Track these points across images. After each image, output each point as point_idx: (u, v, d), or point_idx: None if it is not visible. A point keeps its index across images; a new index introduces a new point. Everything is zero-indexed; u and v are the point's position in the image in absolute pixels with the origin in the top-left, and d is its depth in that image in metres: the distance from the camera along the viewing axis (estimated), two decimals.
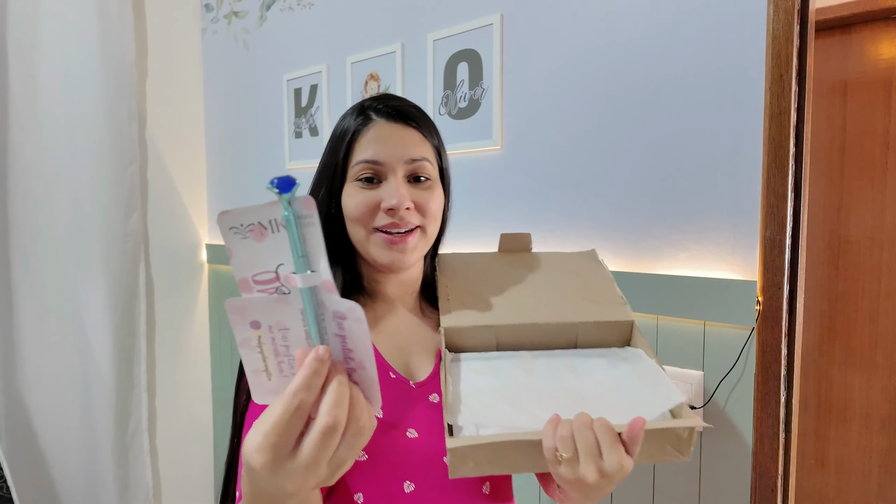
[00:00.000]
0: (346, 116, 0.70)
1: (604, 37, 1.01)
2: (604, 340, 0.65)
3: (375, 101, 0.69)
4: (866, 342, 1.57)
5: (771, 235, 0.84)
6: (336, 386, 0.37)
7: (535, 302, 0.67)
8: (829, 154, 1.60)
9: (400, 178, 0.64)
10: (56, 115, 1.51)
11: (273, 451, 0.35)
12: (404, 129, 0.67)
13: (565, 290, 0.69)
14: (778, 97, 0.82)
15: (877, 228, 1.55)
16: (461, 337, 0.64)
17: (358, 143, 0.66)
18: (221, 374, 1.87)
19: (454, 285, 0.71)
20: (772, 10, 0.82)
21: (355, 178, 0.65)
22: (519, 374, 0.59)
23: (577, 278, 0.71)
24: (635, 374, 0.58)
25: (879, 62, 1.54)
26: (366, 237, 0.66)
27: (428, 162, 0.67)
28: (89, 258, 1.56)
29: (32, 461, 1.54)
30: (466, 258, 0.78)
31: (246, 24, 1.70)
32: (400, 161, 0.65)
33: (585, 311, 0.65)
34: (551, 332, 0.64)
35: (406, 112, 0.68)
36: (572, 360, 0.62)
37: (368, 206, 0.64)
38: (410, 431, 0.63)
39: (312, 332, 0.38)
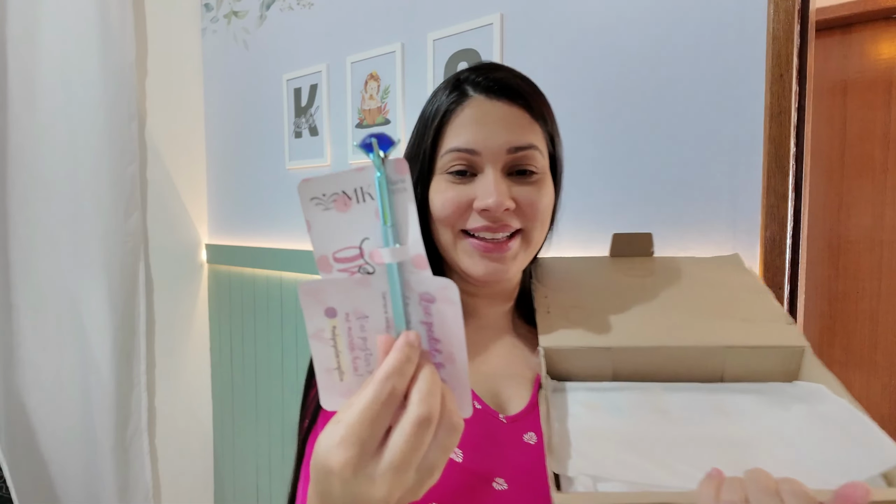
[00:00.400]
0: (437, 92, 0.57)
1: (604, 36, 1.01)
2: (761, 372, 0.49)
3: (474, 71, 0.55)
4: (866, 342, 1.57)
5: (771, 235, 0.84)
6: (428, 374, 0.31)
7: (663, 319, 0.52)
8: (829, 154, 1.60)
9: (499, 172, 0.52)
10: (55, 115, 1.51)
11: (359, 445, 0.29)
12: (508, 107, 0.53)
13: (704, 305, 0.54)
14: (778, 97, 0.82)
15: (877, 228, 1.55)
16: (566, 361, 0.51)
17: (449, 125, 0.54)
18: (221, 374, 1.86)
19: (556, 296, 0.58)
20: (772, 10, 0.82)
21: (445, 171, 0.54)
22: (647, 414, 0.45)
23: (719, 290, 0.56)
24: (819, 418, 0.42)
25: (879, 62, 1.54)
26: (454, 242, 0.54)
27: (537, 151, 0.53)
28: (89, 258, 1.55)
29: (31, 461, 1.54)
30: (570, 263, 0.65)
31: (246, 24, 1.70)
32: (500, 150, 0.52)
33: (735, 332, 0.50)
34: (688, 359, 0.49)
35: (511, 86, 0.54)
36: (720, 398, 0.46)
37: (458, 204, 0.53)
38: (498, 482, 0.49)
39: (396, 318, 0.32)
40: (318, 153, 1.49)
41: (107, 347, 1.58)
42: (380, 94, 1.34)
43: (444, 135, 0.54)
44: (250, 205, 1.73)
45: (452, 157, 0.53)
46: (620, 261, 0.65)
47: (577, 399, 0.47)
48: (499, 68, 0.56)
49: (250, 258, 1.69)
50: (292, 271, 1.56)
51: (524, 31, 1.10)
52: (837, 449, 0.38)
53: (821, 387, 0.46)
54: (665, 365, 0.49)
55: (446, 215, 0.53)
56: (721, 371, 0.49)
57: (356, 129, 1.40)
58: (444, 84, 0.57)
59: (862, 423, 0.40)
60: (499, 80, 0.54)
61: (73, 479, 1.59)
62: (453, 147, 0.53)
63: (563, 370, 0.51)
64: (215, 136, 1.84)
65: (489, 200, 0.50)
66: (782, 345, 0.48)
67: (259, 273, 1.67)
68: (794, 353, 0.48)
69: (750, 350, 0.48)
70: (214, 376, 1.90)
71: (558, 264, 0.65)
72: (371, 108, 1.36)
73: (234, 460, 1.83)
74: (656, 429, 0.43)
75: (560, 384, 0.50)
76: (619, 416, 0.44)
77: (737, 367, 0.48)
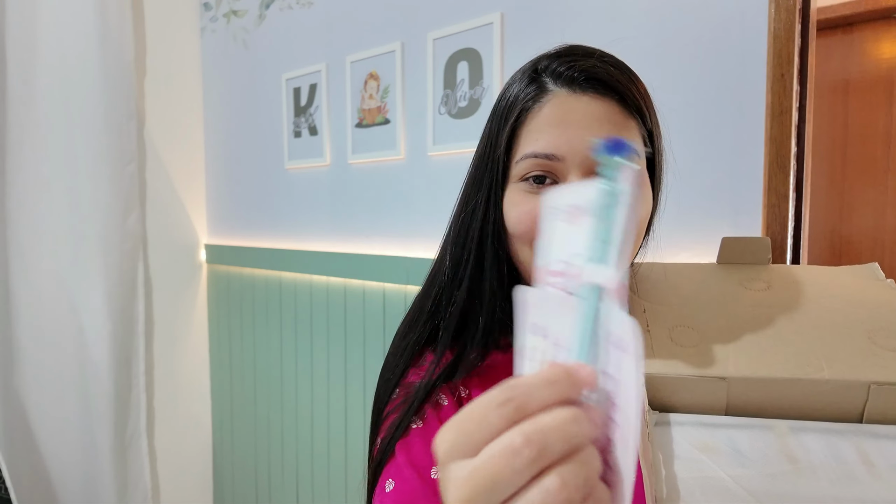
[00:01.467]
0: (513, 82, 0.50)
1: (604, 36, 1.00)
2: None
3: (555, 59, 0.47)
4: None
5: (772, 235, 0.84)
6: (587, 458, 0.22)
7: (788, 343, 0.43)
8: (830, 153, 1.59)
9: (584, 179, 0.45)
10: (54, 114, 1.51)
11: (455, 435, 0.23)
12: (596, 102, 0.46)
13: (843, 328, 0.44)
14: (779, 96, 0.82)
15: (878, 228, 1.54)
16: (670, 392, 0.42)
17: (526, 126, 0.46)
18: (220, 375, 1.86)
19: (658, 311, 0.49)
20: (773, 9, 0.82)
21: (520, 178, 0.47)
22: (776, 460, 0.37)
23: (859, 309, 0.46)
24: None
25: (881, 61, 1.53)
26: (533, 260, 0.47)
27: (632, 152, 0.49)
28: (87, 258, 1.55)
29: (30, 462, 1.54)
30: (672, 270, 0.56)
31: (245, 23, 1.69)
32: (586, 154, 0.45)
33: (883, 363, 0.41)
34: (822, 395, 0.40)
35: (600, 76, 0.46)
36: (864, 444, 0.38)
37: (535, 218, 0.45)
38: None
39: (579, 352, 0.26)
40: (318, 153, 1.49)
41: (106, 347, 1.57)
42: (379, 93, 1.34)
43: (520, 137, 0.47)
44: (250, 205, 1.73)
45: (530, 164, 0.46)
46: (733, 270, 0.55)
47: (688, 437, 0.39)
48: (585, 53, 0.47)
49: (250, 258, 1.69)
50: (292, 271, 1.56)
51: (524, 31, 1.10)
52: None
53: None
54: (794, 401, 0.40)
55: (523, 231, 0.47)
56: (861, 409, 0.40)
57: (356, 128, 1.39)
58: (521, 73, 0.49)
59: None
60: (585, 69, 0.46)
61: (72, 479, 1.58)
62: (530, 153, 0.46)
63: (666, 404, 0.42)
64: (214, 135, 1.84)
65: None
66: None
67: (258, 273, 1.67)
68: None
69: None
70: (213, 377, 1.89)
71: (658, 271, 0.56)
72: (371, 108, 1.36)
73: (233, 461, 1.83)
74: (789, 484, 0.34)
75: (663, 416, 0.41)
76: (741, 462, 0.36)
77: (883, 407, 0.39)
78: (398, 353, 0.55)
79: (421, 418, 0.51)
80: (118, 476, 1.62)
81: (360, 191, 1.41)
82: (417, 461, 0.48)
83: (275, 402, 1.65)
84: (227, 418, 1.84)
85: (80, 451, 1.58)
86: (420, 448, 0.49)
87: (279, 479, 1.66)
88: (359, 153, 1.39)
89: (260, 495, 1.73)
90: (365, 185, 1.40)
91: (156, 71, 1.72)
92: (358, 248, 1.42)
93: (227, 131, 1.79)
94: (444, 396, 0.53)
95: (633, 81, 0.48)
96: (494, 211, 0.49)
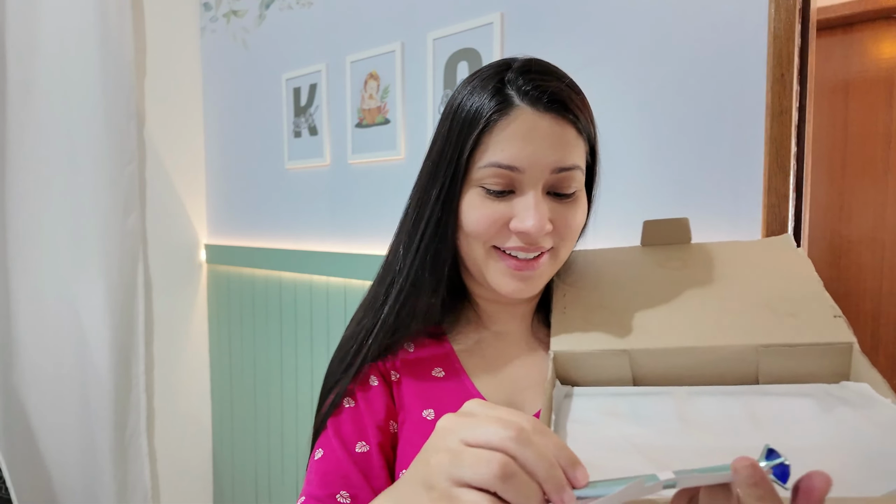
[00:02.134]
0: (475, 89, 0.52)
1: (604, 36, 1.00)
2: (804, 373, 0.43)
3: (521, 74, 0.51)
4: (868, 342, 1.56)
5: (772, 235, 0.84)
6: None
7: (695, 316, 0.46)
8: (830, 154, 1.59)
9: (540, 193, 0.50)
10: (54, 114, 1.51)
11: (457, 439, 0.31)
12: (556, 123, 0.49)
13: (745, 299, 0.47)
14: (779, 96, 0.82)
15: (878, 228, 1.54)
16: (579, 366, 0.46)
17: (491, 136, 0.49)
18: (220, 375, 1.86)
19: (576, 293, 0.53)
20: (773, 9, 0.82)
21: (480, 184, 0.51)
22: (671, 421, 0.40)
23: (763, 280, 0.50)
24: (864, 422, 0.37)
25: (881, 61, 1.53)
26: (485, 257, 0.53)
27: (578, 170, 0.51)
28: (87, 258, 1.55)
29: (30, 462, 1.54)
30: (596, 256, 0.60)
31: (245, 23, 1.69)
32: (545, 170, 0.49)
33: (774, 327, 0.44)
34: (719, 361, 0.43)
35: (562, 99, 0.50)
36: (753, 403, 0.41)
37: (494, 222, 0.50)
38: None
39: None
40: (318, 153, 1.49)
41: (105, 347, 1.57)
42: (379, 93, 1.34)
43: (484, 145, 0.50)
44: (249, 204, 1.73)
45: (492, 173, 0.49)
46: (653, 251, 0.59)
47: (594, 405, 0.42)
48: (547, 72, 0.52)
49: (249, 258, 1.69)
50: (292, 271, 1.56)
51: (524, 31, 1.10)
52: (878, 455, 0.34)
53: (866, 387, 0.40)
54: (693, 369, 0.44)
55: (479, 231, 0.51)
56: (755, 372, 0.44)
57: (356, 128, 1.39)
58: (484, 82, 0.52)
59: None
60: (550, 91, 0.50)
61: (72, 479, 1.58)
62: (495, 162, 0.49)
63: (577, 377, 0.46)
64: (214, 135, 1.84)
65: (528, 223, 0.48)
66: (826, 342, 0.42)
67: (258, 273, 1.67)
68: (841, 351, 0.42)
69: (789, 349, 0.42)
70: (213, 376, 1.89)
71: (582, 257, 0.59)
72: (371, 108, 1.36)
73: (233, 460, 1.83)
74: (677, 439, 0.38)
75: (571, 389, 0.46)
76: (638, 423, 0.39)
77: (775, 368, 0.43)
78: (353, 338, 0.59)
79: (352, 398, 0.58)
80: (118, 476, 1.62)
81: (360, 191, 1.41)
82: (345, 436, 0.56)
83: (275, 402, 1.65)
84: (227, 418, 1.84)
85: (80, 451, 1.58)
86: (349, 425, 0.56)
87: (279, 479, 1.66)
88: (359, 153, 1.39)
89: (260, 495, 1.73)
90: (365, 185, 1.40)
91: (156, 71, 1.72)
92: (358, 248, 1.42)
93: (227, 131, 1.79)
94: (374, 378, 0.59)
95: (585, 105, 0.53)
96: (450, 207, 0.52)
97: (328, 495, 0.53)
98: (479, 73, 0.54)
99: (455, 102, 0.53)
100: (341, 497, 0.53)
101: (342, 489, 0.53)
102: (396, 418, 0.59)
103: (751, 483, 0.27)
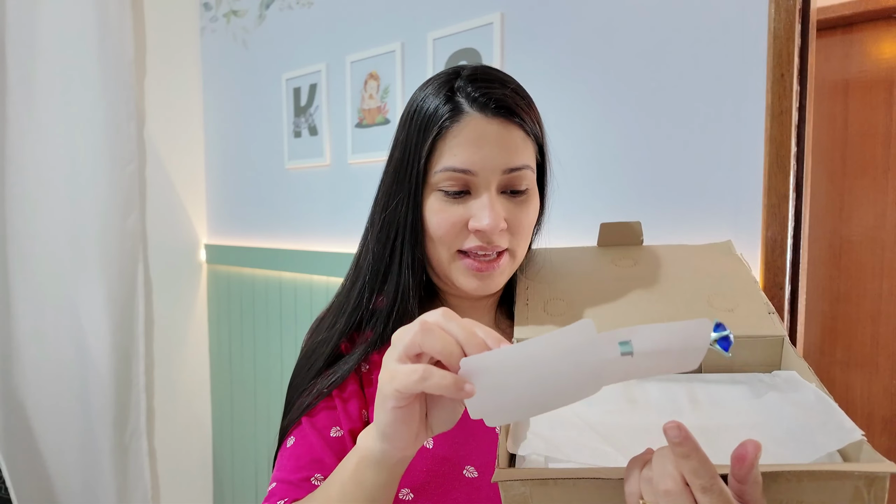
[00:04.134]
0: (428, 96, 0.56)
1: (604, 36, 1.00)
2: (740, 363, 0.48)
3: (469, 82, 0.54)
4: (868, 343, 1.56)
5: (772, 235, 0.84)
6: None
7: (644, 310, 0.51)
8: (830, 154, 1.59)
9: (493, 192, 0.53)
10: (54, 114, 1.51)
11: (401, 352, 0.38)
12: (504, 127, 0.53)
13: (687, 295, 0.53)
14: (779, 97, 0.82)
15: (878, 228, 1.54)
16: None
17: (443, 141, 0.53)
18: (220, 375, 1.86)
19: (537, 287, 0.58)
20: (773, 10, 0.82)
21: (438, 188, 0.54)
22: (618, 403, 0.45)
23: (705, 279, 0.55)
24: (788, 403, 0.42)
25: (881, 62, 1.53)
26: (449, 260, 0.56)
27: (529, 169, 0.55)
28: (88, 258, 1.55)
29: (30, 461, 1.54)
30: (556, 254, 0.65)
31: (245, 23, 1.69)
32: (496, 171, 0.53)
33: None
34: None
35: (508, 104, 0.53)
36: (694, 387, 0.46)
37: (454, 224, 0.54)
38: (469, 469, 0.53)
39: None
40: (318, 153, 1.49)
41: (106, 348, 1.57)
42: (379, 93, 1.34)
43: (438, 151, 0.54)
44: (249, 204, 1.73)
45: (447, 177, 0.53)
46: (608, 251, 0.64)
47: None
48: (493, 80, 0.55)
49: (249, 258, 1.69)
50: (291, 271, 1.56)
51: (524, 31, 1.10)
52: (802, 431, 0.39)
53: (794, 374, 0.46)
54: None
55: (441, 235, 0.55)
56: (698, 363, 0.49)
57: (356, 128, 1.39)
58: (436, 88, 0.55)
59: (826, 405, 0.40)
60: (496, 98, 0.53)
61: (72, 479, 1.58)
62: (449, 167, 0.53)
63: None
64: (214, 135, 1.84)
65: (484, 222, 0.52)
66: (762, 335, 0.47)
67: (258, 273, 1.67)
68: (773, 343, 0.47)
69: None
70: (213, 376, 1.89)
71: (544, 255, 0.65)
72: (371, 108, 1.36)
73: (233, 460, 1.83)
74: (624, 417, 0.42)
75: None
76: (588, 403, 0.42)
77: (716, 357, 0.47)
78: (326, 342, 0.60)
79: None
80: (118, 475, 1.62)
81: (360, 191, 1.41)
82: (319, 424, 0.57)
83: (275, 402, 1.65)
84: (226, 417, 1.84)
85: (80, 450, 1.58)
86: (323, 414, 0.57)
87: None
88: (359, 153, 1.39)
89: (260, 495, 1.73)
90: (365, 185, 1.40)
91: (156, 71, 1.72)
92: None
93: (227, 131, 1.79)
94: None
95: (531, 106, 0.56)
96: (414, 213, 0.55)
97: (302, 479, 0.53)
98: (431, 81, 0.57)
99: (410, 109, 0.57)
100: (315, 480, 0.53)
101: (316, 472, 0.54)
102: (368, 408, 0.59)
103: (676, 442, 0.31)
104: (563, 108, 1.06)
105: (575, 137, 1.05)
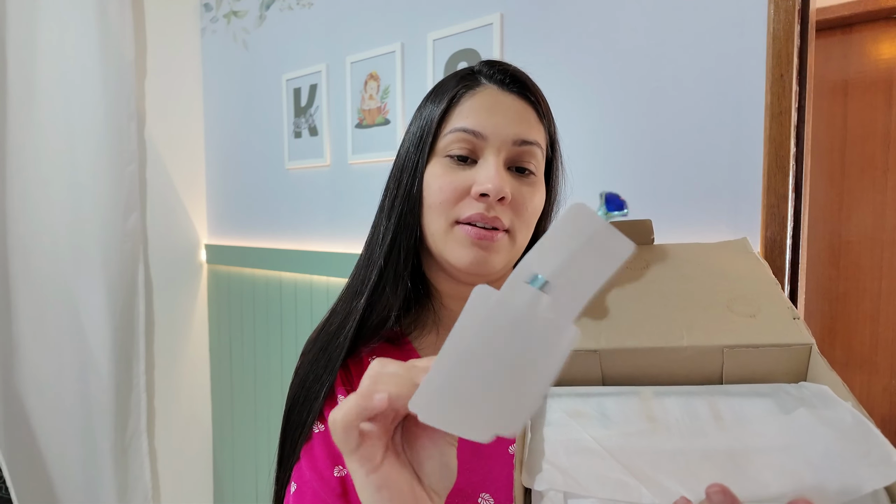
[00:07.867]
0: (446, 79, 0.56)
1: (604, 36, 1.01)
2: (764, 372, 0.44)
3: (487, 65, 0.56)
4: (867, 343, 1.56)
5: (772, 236, 0.84)
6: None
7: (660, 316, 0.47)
8: (829, 154, 1.60)
9: (500, 161, 0.51)
10: (54, 115, 1.51)
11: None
12: (519, 101, 0.53)
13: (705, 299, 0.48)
14: (778, 97, 0.82)
15: (878, 228, 1.54)
16: None
17: (458, 107, 0.52)
18: (220, 375, 1.86)
19: None
20: (772, 10, 0.82)
21: (445, 153, 0.52)
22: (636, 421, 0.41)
23: (723, 281, 0.51)
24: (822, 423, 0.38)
25: (880, 62, 1.53)
26: (444, 231, 0.52)
27: (539, 149, 0.53)
28: (88, 258, 1.55)
29: (31, 462, 1.54)
30: None
31: (245, 24, 1.69)
32: (507, 139, 0.51)
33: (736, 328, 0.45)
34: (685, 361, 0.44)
35: (524, 81, 0.54)
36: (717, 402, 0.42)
37: (456, 189, 0.51)
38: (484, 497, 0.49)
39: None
40: (318, 153, 1.49)
41: (106, 348, 1.57)
42: (379, 94, 1.34)
43: (451, 116, 0.52)
44: (250, 205, 1.73)
45: (456, 138, 0.51)
46: None
47: (561, 406, 0.43)
48: (512, 66, 0.56)
49: (250, 258, 1.69)
50: (292, 271, 1.56)
51: (524, 31, 1.10)
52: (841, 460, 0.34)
53: (825, 388, 0.41)
54: (661, 368, 0.45)
55: (442, 200, 0.52)
56: (719, 372, 0.45)
57: (356, 129, 1.39)
58: (454, 73, 0.56)
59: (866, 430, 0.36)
60: (513, 73, 0.54)
61: (73, 479, 1.58)
62: (459, 127, 0.51)
63: None
64: (214, 136, 1.84)
65: (489, 185, 0.49)
66: (788, 343, 0.43)
67: (258, 273, 1.67)
68: (800, 352, 0.43)
69: (751, 350, 0.43)
70: (214, 377, 1.89)
71: None
72: (371, 109, 1.36)
73: (233, 461, 1.83)
74: (644, 440, 0.39)
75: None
76: (605, 424, 0.40)
77: (737, 368, 0.44)
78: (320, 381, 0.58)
79: (322, 421, 0.55)
80: (118, 475, 1.62)
81: (360, 191, 1.41)
82: (318, 463, 0.53)
83: (275, 402, 1.65)
84: (227, 418, 1.84)
85: (81, 450, 1.58)
86: (321, 451, 0.53)
87: None
88: (359, 153, 1.39)
89: (260, 495, 1.73)
90: (365, 185, 1.40)
91: (156, 71, 1.72)
92: (358, 248, 1.42)
93: (227, 131, 1.79)
94: (341, 397, 0.57)
95: (545, 101, 0.57)
96: (418, 183, 0.53)
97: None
98: (449, 74, 0.58)
99: (428, 93, 0.57)
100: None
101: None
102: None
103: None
104: (563, 108, 1.06)
105: (574, 137, 1.05)
